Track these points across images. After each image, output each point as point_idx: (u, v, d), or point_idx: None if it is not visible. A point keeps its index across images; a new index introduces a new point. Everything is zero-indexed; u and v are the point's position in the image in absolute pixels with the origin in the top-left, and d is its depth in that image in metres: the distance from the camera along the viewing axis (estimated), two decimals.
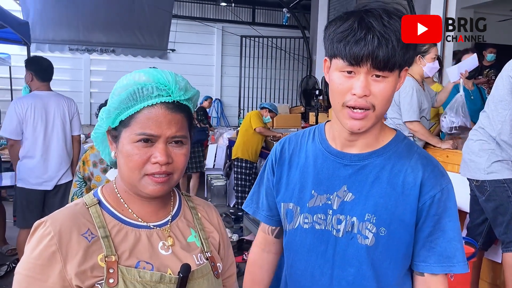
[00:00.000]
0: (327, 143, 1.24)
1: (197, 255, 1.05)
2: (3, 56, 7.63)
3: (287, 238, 1.30)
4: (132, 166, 0.96)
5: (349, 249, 1.18)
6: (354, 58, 1.04)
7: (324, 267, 1.21)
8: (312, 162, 1.25)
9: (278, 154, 1.33)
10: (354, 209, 1.17)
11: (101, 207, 1.01)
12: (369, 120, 1.09)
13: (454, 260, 1.16)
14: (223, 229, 1.19)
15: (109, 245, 0.95)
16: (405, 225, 1.15)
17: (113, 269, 0.93)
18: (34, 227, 0.96)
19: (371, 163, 1.18)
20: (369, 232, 1.15)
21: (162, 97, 0.97)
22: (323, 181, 1.22)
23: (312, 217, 1.22)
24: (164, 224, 1.05)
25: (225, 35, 10.25)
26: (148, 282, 0.94)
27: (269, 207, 1.37)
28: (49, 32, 7.39)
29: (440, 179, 1.16)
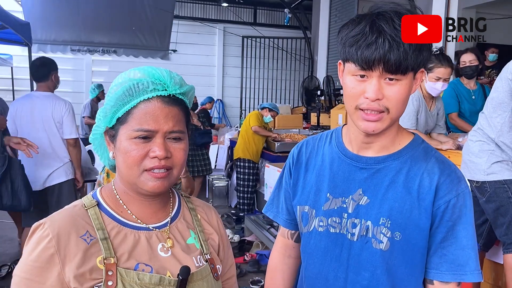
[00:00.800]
0: (343, 146, 1.23)
1: (197, 257, 1.04)
2: (4, 57, 7.64)
3: (303, 241, 1.30)
4: (130, 162, 0.96)
5: (364, 253, 1.17)
6: (366, 62, 1.04)
7: (339, 271, 1.21)
8: (328, 165, 1.24)
9: (296, 157, 1.34)
10: (369, 213, 1.16)
11: (100, 209, 1.00)
12: (384, 122, 1.09)
13: (467, 268, 1.13)
14: (223, 230, 1.18)
15: (108, 247, 0.94)
16: (420, 230, 1.14)
17: (112, 272, 0.92)
18: (32, 228, 0.95)
19: (387, 166, 1.17)
20: (384, 237, 1.14)
21: (158, 91, 0.97)
22: (339, 184, 1.21)
23: (327, 220, 1.22)
24: (164, 225, 1.04)
25: (226, 36, 10.25)
26: (147, 284, 0.93)
27: (288, 211, 1.37)
28: (50, 33, 7.41)
29: (456, 184, 1.14)
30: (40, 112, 3.66)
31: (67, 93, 7.71)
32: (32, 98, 3.73)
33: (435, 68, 3.16)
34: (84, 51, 7.79)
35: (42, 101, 3.69)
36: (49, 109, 3.67)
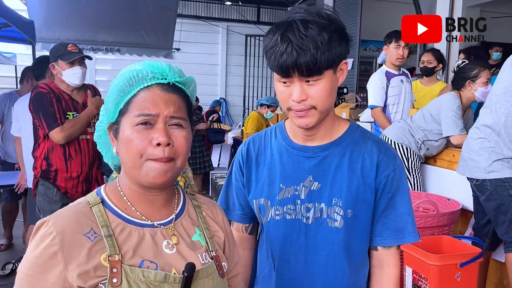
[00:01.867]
0: (289, 139, 1.36)
1: (202, 254, 1.04)
2: (8, 55, 7.65)
3: (264, 230, 1.40)
4: (133, 151, 0.95)
5: (320, 234, 1.30)
6: (283, 71, 1.17)
7: (298, 254, 1.32)
8: (278, 158, 1.35)
9: (245, 155, 1.42)
10: (321, 196, 1.29)
11: (104, 206, 1.00)
12: (314, 117, 1.21)
13: (405, 232, 1.31)
14: (228, 228, 1.18)
15: (113, 244, 0.94)
16: (367, 205, 1.29)
17: (117, 269, 0.91)
18: (36, 226, 0.95)
19: (331, 152, 1.30)
20: (337, 215, 1.28)
21: (157, 79, 0.99)
22: (290, 174, 1.32)
23: (283, 209, 1.33)
24: (168, 222, 1.04)
25: (230, 34, 10.23)
26: (152, 281, 0.93)
27: (241, 206, 1.46)
28: (54, 32, 7.40)
29: (393, 160, 1.31)
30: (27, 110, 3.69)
31: None
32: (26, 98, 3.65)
33: (480, 73, 3.22)
34: (88, 50, 7.76)
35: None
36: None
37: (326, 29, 1.15)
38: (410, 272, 2.42)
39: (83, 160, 3.03)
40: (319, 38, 1.13)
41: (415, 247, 2.33)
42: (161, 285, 0.93)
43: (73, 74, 2.98)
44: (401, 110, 3.81)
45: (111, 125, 1.03)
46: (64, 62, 2.95)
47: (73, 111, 3.00)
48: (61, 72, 2.98)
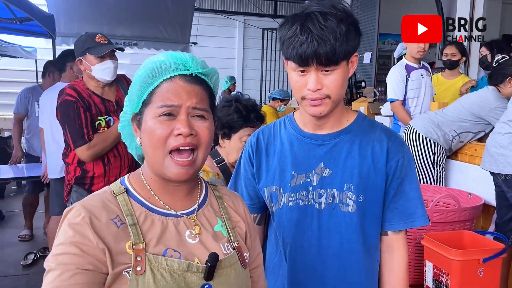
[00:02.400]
0: (299, 129, 1.40)
1: (224, 245, 1.04)
2: (29, 50, 7.76)
3: (276, 218, 1.43)
4: (155, 141, 0.96)
5: (332, 219, 1.34)
6: (302, 60, 1.20)
7: (312, 239, 1.36)
8: (289, 147, 1.40)
9: (254, 145, 1.46)
10: (333, 182, 1.33)
11: (128, 195, 1.00)
12: (327, 106, 1.26)
13: (415, 216, 1.36)
14: (250, 219, 1.18)
15: (137, 233, 0.94)
16: (378, 190, 1.34)
17: (141, 257, 0.92)
18: (64, 213, 0.96)
19: (341, 140, 1.35)
20: (350, 200, 1.32)
21: (180, 70, 0.99)
22: (301, 161, 1.37)
23: (295, 195, 1.37)
24: (191, 212, 1.04)
25: (247, 28, 10.23)
26: (176, 270, 0.93)
27: (249, 196, 1.50)
28: (73, 26, 7.47)
29: (402, 147, 1.36)
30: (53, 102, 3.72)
31: None
32: (54, 89, 3.80)
33: None
34: None
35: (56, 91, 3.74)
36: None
37: (344, 21, 1.20)
38: (431, 267, 2.39)
39: (123, 164, 2.74)
40: (338, 29, 1.18)
41: (436, 242, 2.30)
42: (184, 274, 0.93)
43: (104, 69, 2.62)
44: (421, 103, 3.76)
45: (134, 116, 1.04)
46: (94, 56, 2.60)
47: (105, 114, 2.66)
48: (90, 67, 2.63)
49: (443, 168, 3.34)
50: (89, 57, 2.62)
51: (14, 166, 4.83)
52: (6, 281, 3.83)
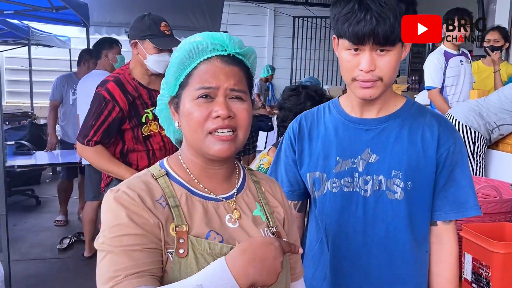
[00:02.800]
0: (345, 113, 1.36)
1: (264, 230, 1.02)
2: (63, 39, 7.90)
3: (318, 205, 1.39)
4: (193, 124, 0.94)
5: (379, 206, 1.30)
6: (357, 38, 1.15)
7: (356, 226, 1.32)
8: (333, 131, 1.36)
9: (297, 130, 1.43)
10: (380, 168, 1.29)
11: (169, 177, 0.99)
12: (378, 89, 1.21)
13: (467, 205, 1.31)
14: (287, 204, 1.16)
15: (179, 215, 0.93)
16: (428, 177, 1.29)
17: (183, 239, 0.90)
18: (106, 197, 0.93)
19: (389, 125, 1.31)
20: (397, 187, 1.28)
21: (217, 51, 0.97)
22: (346, 147, 1.33)
23: (340, 181, 1.33)
24: (230, 196, 1.03)
25: (277, 16, 10.12)
26: (218, 254, 0.91)
27: (289, 183, 1.46)
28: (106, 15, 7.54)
29: (453, 133, 1.32)
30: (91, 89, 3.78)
31: None
32: (89, 77, 3.93)
33: None
34: None
35: (94, 78, 3.78)
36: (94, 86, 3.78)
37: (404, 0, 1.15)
38: (470, 259, 2.32)
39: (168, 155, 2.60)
40: (398, 8, 1.14)
41: (476, 233, 2.22)
42: None
43: (159, 62, 2.38)
44: (459, 91, 3.64)
45: (171, 99, 1.03)
46: (153, 45, 2.35)
47: (151, 106, 2.43)
48: (145, 54, 2.38)
49: (484, 159, 3.23)
50: (147, 44, 2.36)
51: (50, 152, 4.94)
52: (43, 264, 3.94)
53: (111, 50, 3.95)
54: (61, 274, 3.72)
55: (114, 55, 3.97)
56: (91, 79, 3.87)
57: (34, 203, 5.60)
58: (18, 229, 4.70)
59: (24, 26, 6.42)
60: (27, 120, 7.03)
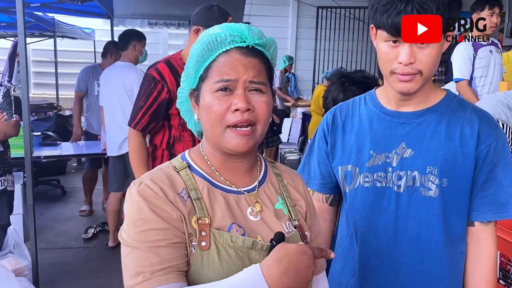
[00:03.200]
0: (381, 106, 1.31)
1: (286, 223, 1.01)
2: (88, 31, 7.99)
3: (349, 199, 1.36)
4: (213, 118, 0.93)
5: (412, 203, 1.25)
6: (397, 30, 1.11)
7: (388, 222, 1.28)
8: (368, 124, 1.32)
9: (330, 122, 1.40)
10: (414, 163, 1.24)
11: (190, 170, 0.98)
12: (417, 83, 1.17)
13: (508, 206, 1.23)
14: (309, 197, 1.14)
15: (202, 207, 0.92)
16: (465, 175, 1.23)
17: (205, 232, 0.89)
18: (129, 189, 0.93)
19: (427, 119, 1.25)
20: (432, 184, 1.22)
21: (236, 42, 0.95)
22: (381, 140, 1.29)
23: (373, 176, 1.29)
24: (252, 189, 1.02)
25: (300, 7, 10.01)
26: (240, 247, 0.90)
27: (322, 175, 1.44)
28: (130, 7, 7.59)
29: (495, 129, 1.24)
30: (115, 81, 3.86)
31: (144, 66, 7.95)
32: (113, 68, 3.96)
33: None
34: (161, 25, 7.92)
35: (118, 70, 3.88)
36: (121, 78, 3.83)
37: None
38: (498, 255, 2.26)
39: None
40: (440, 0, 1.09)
41: (504, 228, 2.17)
42: (248, 252, 0.91)
43: None
44: (489, 83, 3.54)
45: (192, 92, 1.02)
46: None
47: None
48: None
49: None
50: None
51: (75, 143, 5.02)
52: (69, 252, 4.01)
53: (139, 42, 3.96)
54: (86, 263, 3.78)
55: (142, 48, 3.99)
56: (116, 70, 3.90)
57: (59, 193, 5.71)
58: (45, 219, 4.79)
59: (50, 18, 6.51)
60: (53, 111, 7.16)
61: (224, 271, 0.88)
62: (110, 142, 3.93)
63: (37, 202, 3.85)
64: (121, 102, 3.85)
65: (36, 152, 4.11)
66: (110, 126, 3.92)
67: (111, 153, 3.94)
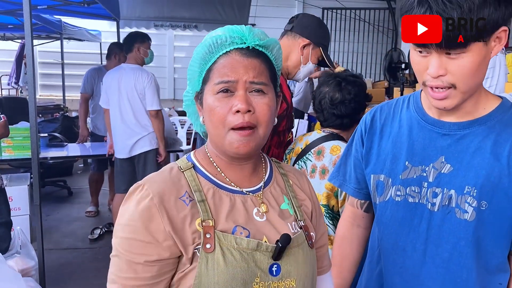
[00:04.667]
0: (423, 112, 1.18)
1: (292, 224, 1.01)
2: (94, 33, 8.03)
3: (378, 211, 1.26)
4: (215, 120, 0.93)
5: (446, 224, 1.12)
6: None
7: (417, 243, 1.17)
8: (407, 131, 1.19)
9: (369, 123, 1.29)
10: (452, 181, 1.11)
11: (195, 171, 0.99)
12: (454, 99, 1.03)
13: None
14: (315, 197, 1.14)
15: (206, 209, 0.92)
16: (509, 199, 1.06)
17: (210, 234, 0.90)
18: (130, 191, 0.95)
19: (472, 132, 1.10)
20: (469, 206, 1.09)
21: (236, 44, 0.95)
22: (418, 151, 1.16)
23: (405, 190, 1.17)
24: (257, 190, 1.02)
25: (306, 8, 10.00)
26: (245, 249, 0.90)
27: (357, 180, 1.34)
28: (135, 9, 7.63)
29: None
30: (125, 83, 3.84)
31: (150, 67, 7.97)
32: (120, 70, 3.93)
33: None
34: (167, 27, 7.95)
35: (127, 72, 3.86)
36: (132, 80, 3.83)
37: None
38: None
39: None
40: (467, 3, 0.93)
41: None
42: (253, 253, 0.91)
43: (309, 72, 2.18)
44: (495, 84, 3.52)
45: (197, 95, 1.02)
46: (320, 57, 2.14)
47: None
48: (308, 60, 2.13)
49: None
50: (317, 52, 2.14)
51: (81, 144, 5.05)
52: (75, 253, 4.04)
53: (143, 44, 3.96)
54: (92, 264, 3.80)
55: (146, 49, 3.98)
56: (125, 73, 3.87)
57: (66, 194, 5.75)
58: (51, 219, 4.82)
59: (57, 20, 6.55)
60: (60, 112, 7.20)
61: (230, 272, 0.88)
62: (120, 144, 3.93)
63: (44, 203, 3.88)
64: (133, 105, 3.86)
65: (42, 153, 4.14)
66: (120, 129, 3.91)
67: (120, 155, 3.95)
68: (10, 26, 6.31)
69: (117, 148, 3.97)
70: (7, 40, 8.04)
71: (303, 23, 2.17)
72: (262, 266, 0.91)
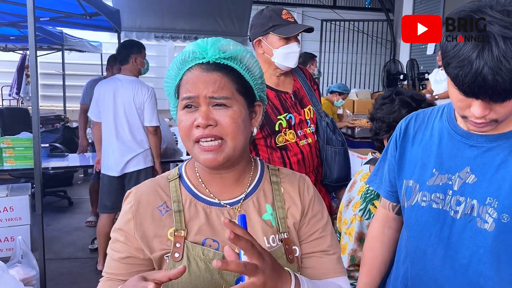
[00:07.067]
0: (454, 123, 1.21)
1: (269, 237, 1.00)
2: (95, 44, 8.10)
3: (406, 215, 1.31)
4: (182, 134, 0.97)
5: (466, 232, 1.15)
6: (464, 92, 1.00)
7: (438, 247, 1.21)
8: (437, 140, 1.23)
9: (403, 130, 1.33)
10: (475, 191, 1.14)
11: (180, 181, 1.04)
12: (492, 126, 1.08)
13: None
14: (314, 198, 1.09)
15: (180, 220, 0.98)
16: None
17: (180, 244, 0.95)
18: (125, 196, 1.04)
19: (499, 145, 1.12)
20: (489, 217, 1.11)
21: (197, 59, 0.97)
22: (446, 160, 1.20)
23: (430, 196, 1.22)
24: (236, 202, 1.03)
25: (305, 20, 10.09)
26: (211, 260, 0.94)
27: (390, 183, 1.38)
28: (136, 20, 7.70)
29: None
30: (121, 96, 3.59)
31: (150, 79, 8.02)
32: (115, 81, 3.68)
33: None
34: (167, 38, 8.02)
35: (124, 85, 3.61)
36: (131, 94, 3.58)
37: None
38: None
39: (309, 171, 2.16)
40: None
41: None
42: None
43: (288, 54, 2.07)
44: None
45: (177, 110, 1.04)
46: (279, 37, 2.04)
47: (284, 112, 2.10)
48: (271, 50, 2.07)
49: None
50: (272, 37, 2.06)
51: (81, 155, 5.06)
52: (75, 263, 4.04)
53: (140, 54, 3.75)
54: (92, 274, 3.80)
55: (143, 59, 3.80)
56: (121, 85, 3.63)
57: (66, 204, 5.75)
58: (52, 229, 4.83)
59: (58, 32, 6.62)
60: (60, 123, 7.24)
61: (193, 282, 0.93)
62: (112, 161, 3.66)
63: (44, 213, 3.86)
64: (130, 119, 3.61)
65: (44, 164, 4.13)
66: (113, 145, 3.64)
67: (110, 172, 3.70)
68: (12, 38, 6.38)
69: (108, 164, 3.71)
70: (9, 51, 8.11)
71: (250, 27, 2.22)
72: (228, 279, 0.94)
